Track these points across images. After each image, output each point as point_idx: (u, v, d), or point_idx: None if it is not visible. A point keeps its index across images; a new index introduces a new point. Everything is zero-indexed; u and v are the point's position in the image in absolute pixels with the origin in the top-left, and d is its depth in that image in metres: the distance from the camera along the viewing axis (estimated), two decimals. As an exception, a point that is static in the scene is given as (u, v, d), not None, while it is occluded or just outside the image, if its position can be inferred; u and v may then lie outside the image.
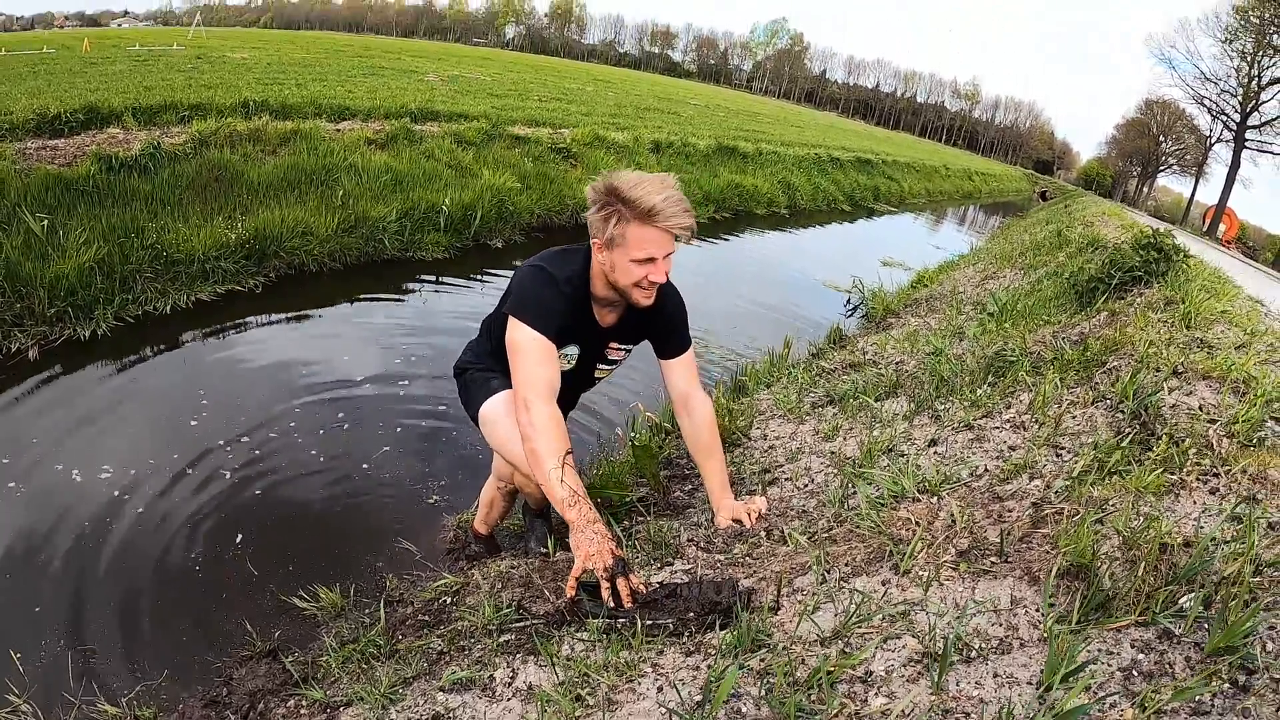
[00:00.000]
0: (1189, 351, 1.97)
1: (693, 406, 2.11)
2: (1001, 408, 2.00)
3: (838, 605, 1.26)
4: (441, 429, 3.44)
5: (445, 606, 2.15)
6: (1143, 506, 1.29)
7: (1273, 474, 1.33)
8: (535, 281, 1.88)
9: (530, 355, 1.80)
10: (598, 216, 1.81)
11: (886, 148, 28.33)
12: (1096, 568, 1.16)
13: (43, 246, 3.91)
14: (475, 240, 6.72)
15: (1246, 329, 2.41)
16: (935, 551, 1.30)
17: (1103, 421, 1.71)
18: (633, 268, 1.82)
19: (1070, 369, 2.09)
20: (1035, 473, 1.55)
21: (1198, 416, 1.64)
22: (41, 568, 2.29)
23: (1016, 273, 5.08)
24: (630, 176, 1.78)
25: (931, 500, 1.53)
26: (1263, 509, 1.23)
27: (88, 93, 7.16)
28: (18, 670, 1.90)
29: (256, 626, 2.18)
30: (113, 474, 2.76)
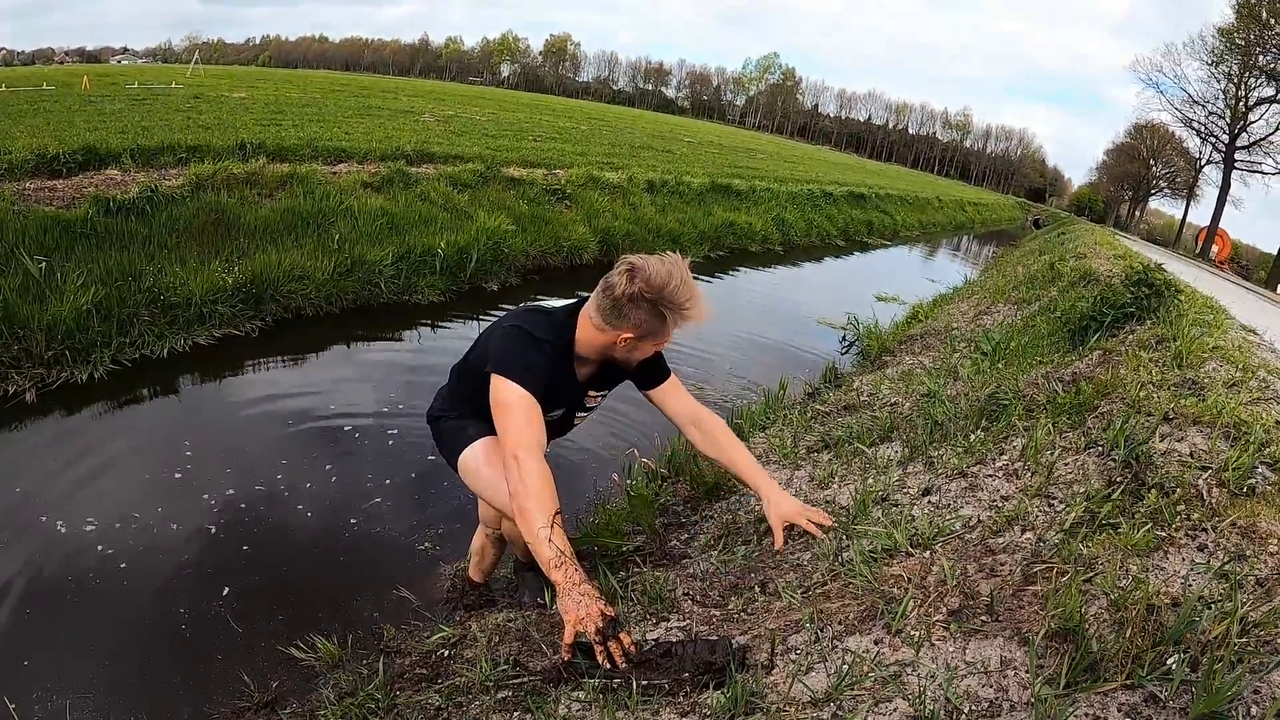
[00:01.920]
0: (1180, 395, 1.98)
1: (701, 420, 2.17)
2: (995, 454, 2.01)
3: (830, 665, 1.26)
4: (435, 476, 3.42)
5: (443, 659, 2.13)
6: (1131, 565, 1.29)
7: (1263, 525, 1.35)
8: (519, 342, 1.90)
9: (518, 413, 1.81)
10: (645, 315, 1.83)
11: (879, 180, 28.70)
12: (1084, 629, 1.16)
13: (40, 289, 3.93)
14: (471, 283, 6.75)
15: (1239, 364, 2.44)
16: (927, 610, 1.31)
17: (1095, 469, 1.73)
18: (649, 353, 1.96)
19: (1063, 413, 2.10)
20: (1027, 525, 1.56)
21: (1189, 465, 1.65)
22: (32, 619, 2.26)
23: (1010, 308, 5.13)
24: (671, 282, 1.80)
25: (924, 555, 1.53)
26: (1250, 566, 1.24)
27: (86, 132, 7.26)
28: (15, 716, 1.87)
29: (253, 678, 2.16)
30: (107, 523, 2.74)
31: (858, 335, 7.21)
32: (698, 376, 5.19)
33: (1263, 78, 35.03)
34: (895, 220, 19.74)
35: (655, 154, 18.10)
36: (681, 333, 1.97)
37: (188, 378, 4.08)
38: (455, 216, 7.36)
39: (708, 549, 2.16)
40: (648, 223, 9.91)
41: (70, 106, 10.18)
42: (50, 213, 4.46)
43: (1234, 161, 38.52)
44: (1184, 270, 14.74)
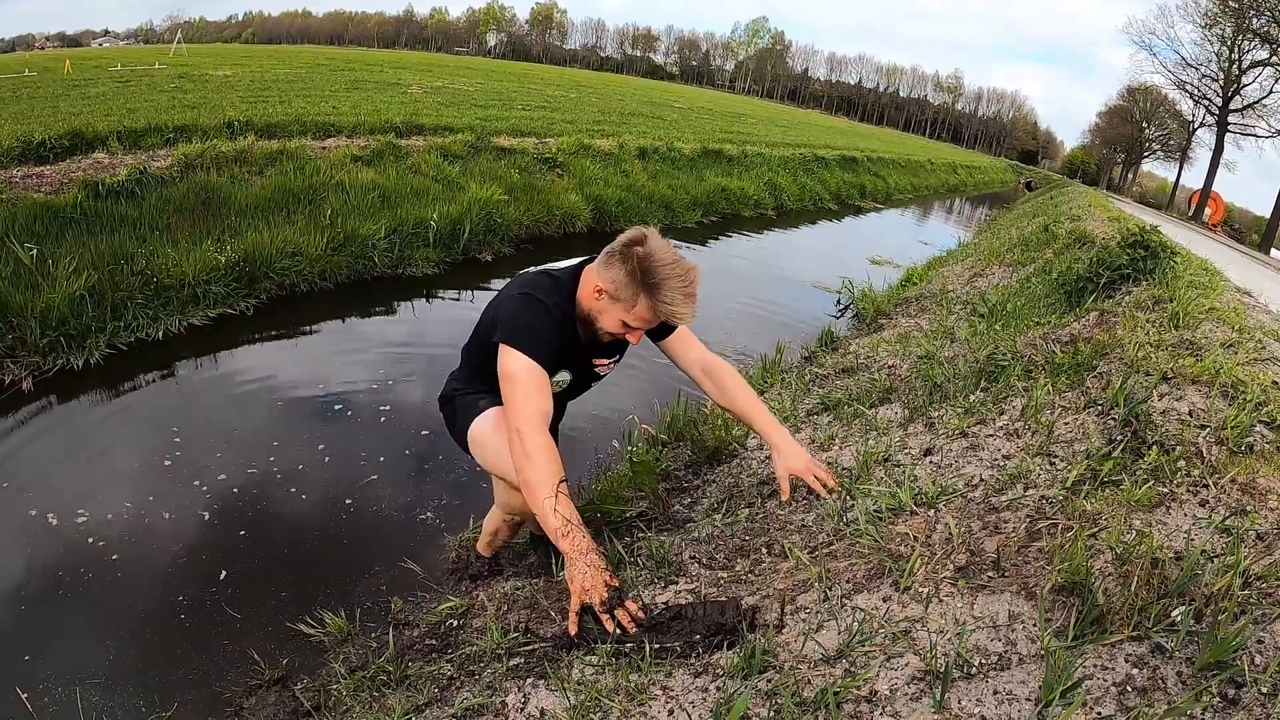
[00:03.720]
0: (1178, 355, 1.99)
1: (713, 369, 2.16)
2: (995, 414, 2.03)
3: (840, 623, 1.29)
4: (431, 450, 3.44)
5: (452, 629, 2.16)
6: (1135, 520, 1.31)
7: (1261, 482, 1.36)
8: (527, 310, 1.88)
9: (524, 384, 1.80)
10: (622, 275, 1.81)
11: (872, 144, 28.47)
12: (1091, 584, 1.19)
13: (32, 276, 3.90)
14: (464, 254, 6.72)
15: (1235, 325, 2.45)
16: (934, 568, 1.33)
17: (1094, 428, 1.74)
18: (618, 324, 1.89)
19: (1061, 373, 2.11)
20: (1029, 483, 1.57)
21: (1188, 423, 1.66)
22: (33, 611, 2.28)
23: (1005, 270, 5.13)
24: (668, 263, 1.79)
25: (929, 513, 1.55)
26: (1251, 520, 1.26)
27: (71, 116, 7.14)
28: (26, 709, 1.89)
29: (263, 656, 2.19)
30: (103, 512, 2.74)
31: (852, 298, 7.23)
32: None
33: (1256, 40, 34.76)
34: (888, 183, 19.62)
35: (645, 120, 17.89)
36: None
37: (183, 360, 4.06)
38: (447, 188, 7.30)
39: (711, 512, 2.19)
40: (640, 189, 9.84)
41: (54, 92, 10.00)
42: (39, 199, 4.40)
43: (1227, 125, 38.46)
44: (1177, 234, 14.74)
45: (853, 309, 6.98)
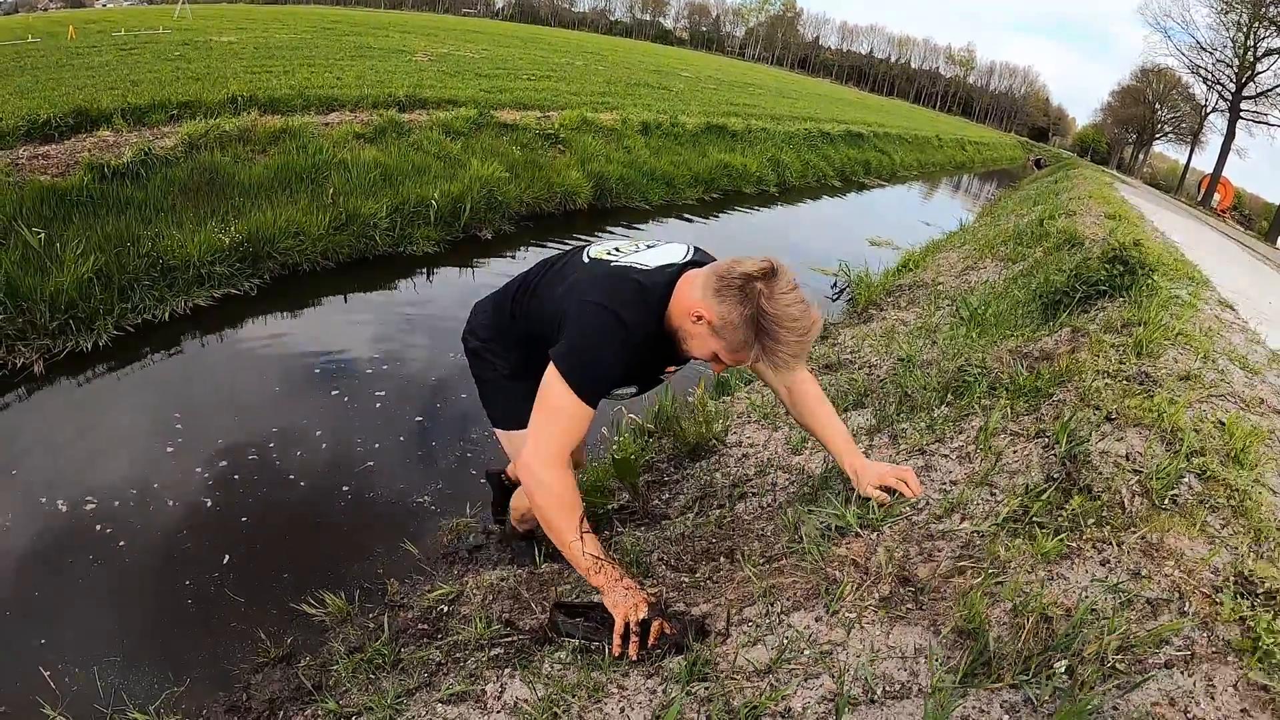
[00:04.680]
0: (1129, 392, 2.03)
1: (795, 384, 1.96)
2: (954, 433, 2.13)
3: (775, 639, 1.41)
4: (427, 435, 3.57)
5: (442, 615, 2.30)
6: (1040, 571, 1.40)
7: (1169, 541, 1.45)
8: (599, 333, 1.62)
9: (563, 422, 1.63)
10: (736, 316, 1.54)
11: (879, 118, 28.19)
12: (985, 630, 1.29)
13: (41, 260, 4.00)
14: (465, 232, 6.79)
15: (1201, 352, 2.53)
16: (862, 594, 1.45)
17: (1037, 462, 1.83)
18: (709, 354, 1.65)
19: (1021, 396, 2.20)
20: (967, 513, 1.67)
21: (1122, 467, 1.72)
22: (46, 596, 2.42)
23: (997, 264, 5.20)
24: (794, 318, 1.53)
25: (871, 536, 1.67)
26: (1143, 585, 1.35)
27: (75, 90, 7.18)
28: (50, 687, 2.05)
29: (268, 633, 2.33)
30: (110, 497, 2.88)
31: (848, 282, 7.31)
32: None
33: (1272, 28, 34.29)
34: (893, 160, 19.51)
35: (651, 91, 17.76)
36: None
37: (188, 342, 4.18)
38: (448, 165, 7.34)
39: (685, 510, 2.32)
40: (642, 165, 9.86)
41: (57, 61, 9.98)
42: (46, 182, 4.49)
43: (1240, 111, 38.15)
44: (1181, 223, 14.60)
45: (848, 293, 7.07)
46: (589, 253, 1.83)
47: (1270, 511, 1.56)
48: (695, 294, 1.60)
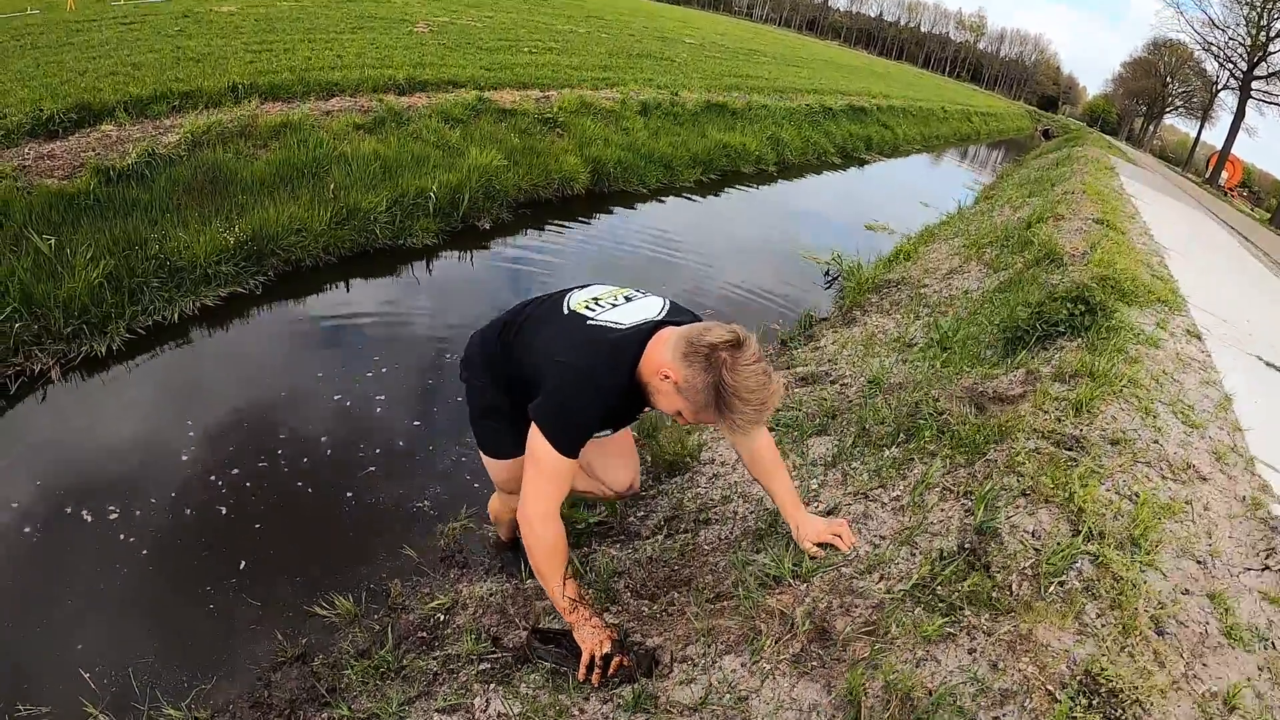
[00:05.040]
0: (1055, 461, 2.17)
1: (750, 446, 2.09)
2: (897, 479, 2.31)
3: (707, 679, 1.64)
4: (426, 440, 3.76)
5: (439, 624, 2.54)
6: (919, 651, 1.60)
7: (1039, 632, 1.59)
8: (577, 395, 1.76)
9: (548, 478, 1.78)
10: (699, 382, 1.66)
11: (886, 87, 27.93)
12: (860, 700, 1.49)
13: (52, 266, 4.15)
14: (463, 222, 6.90)
15: (1143, 407, 2.66)
16: (779, 648, 1.66)
17: (956, 526, 1.98)
18: (674, 411, 1.77)
19: (961, 448, 2.36)
20: (885, 573, 1.85)
21: (1026, 545, 1.86)
22: (75, 607, 2.62)
23: (981, 269, 5.33)
24: (753, 389, 1.64)
25: (801, 587, 1.88)
26: (999, 677, 1.51)
27: (76, 75, 7.25)
28: (90, 687, 2.28)
29: (284, 634, 2.56)
30: (139, 502, 3.09)
31: (840, 272, 7.46)
32: None
33: (1287, 10, 33.90)
34: (896, 134, 19.42)
35: (655, 62, 17.65)
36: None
37: (197, 344, 4.35)
38: (447, 154, 7.44)
39: (656, 531, 2.52)
40: (640, 148, 9.91)
41: (57, 39, 9.98)
42: (53, 187, 4.62)
43: (1250, 91, 37.83)
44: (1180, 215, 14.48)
45: (840, 283, 7.23)
46: (570, 303, 1.94)
47: (1148, 601, 1.74)
48: (665, 354, 1.72)
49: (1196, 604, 1.80)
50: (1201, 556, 1.96)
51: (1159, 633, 1.65)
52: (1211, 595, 1.85)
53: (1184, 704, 1.50)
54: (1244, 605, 1.89)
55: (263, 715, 2.34)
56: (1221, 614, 1.80)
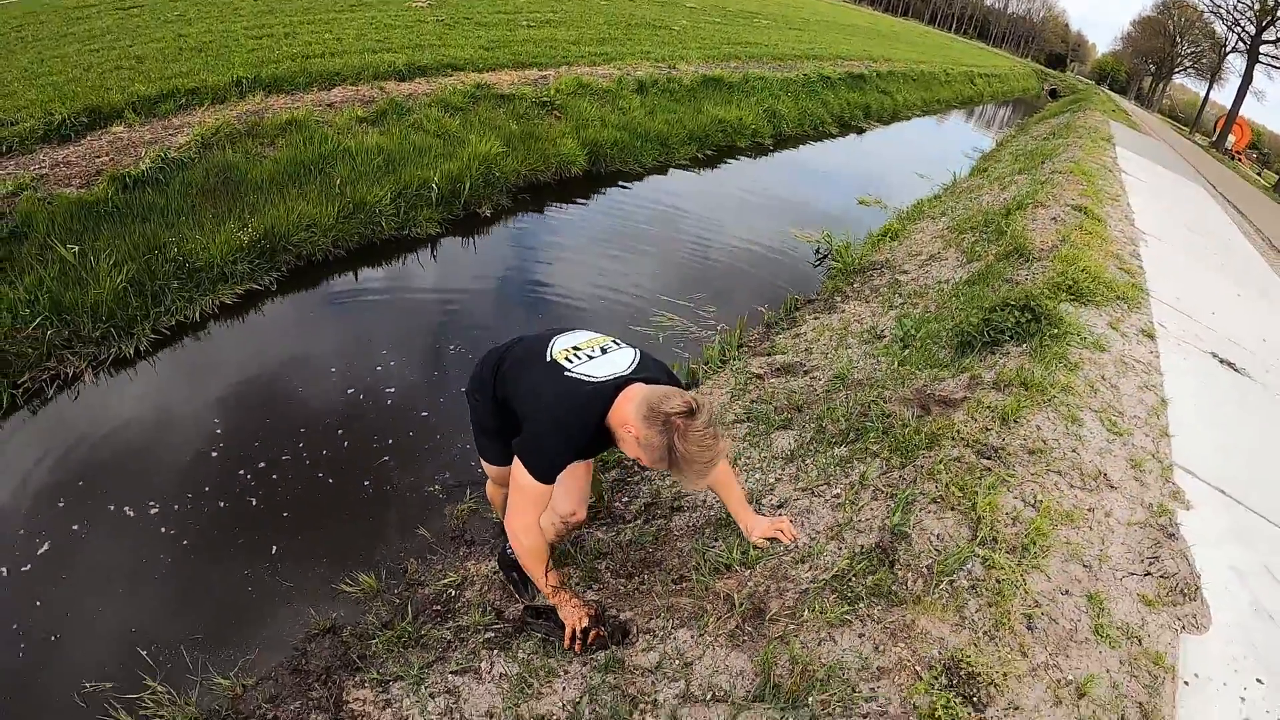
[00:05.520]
0: (971, 469, 2.44)
1: None
2: (841, 477, 2.63)
3: (664, 647, 1.99)
4: (434, 430, 4.08)
5: (451, 598, 2.90)
6: (823, 632, 1.94)
7: (921, 623, 1.91)
8: (554, 437, 2.06)
9: (530, 499, 2.10)
10: (655, 440, 1.92)
11: (888, 50, 27.67)
12: (772, 668, 1.84)
13: (78, 273, 4.43)
14: (465, 210, 7.16)
15: (1071, 416, 2.91)
16: (718, 625, 2.01)
17: (878, 525, 2.29)
18: (634, 455, 2.04)
19: (899, 450, 2.66)
20: (813, 564, 2.19)
21: (930, 546, 2.16)
22: (126, 595, 2.98)
23: (958, 257, 5.57)
24: (700, 449, 1.90)
25: (745, 573, 2.22)
26: (879, 657, 1.86)
27: (82, 72, 7.48)
28: (149, 663, 2.64)
29: (316, 609, 2.91)
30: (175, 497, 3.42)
31: (829, 250, 7.72)
32: (658, 304, 5.78)
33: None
34: (896, 100, 19.39)
35: (653, 31, 17.64)
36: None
37: (219, 341, 4.67)
38: (447, 143, 7.66)
39: (637, 516, 2.87)
40: (636, 127, 10.07)
41: (56, 30, 10.14)
42: (73, 196, 4.88)
43: (1259, 55, 37.39)
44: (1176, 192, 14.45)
45: (829, 261, 7.49)
46: (553, 350, 2.21)
47: (1024, 600, 2.04)
48: (630, 411, 1.99)
49: (1073, 603, 2.12)
50: (1089, 561, 2.28)
51: (1029, 627, 1.98)
52: (1090, 596, 2.17)
53: (1038, 689, 1.83)
54: (1120, 606, 2.21)
55: (302, 681, 2.70)
56: (1095, 613, 2.13)
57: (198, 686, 2.57)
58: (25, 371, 3.99)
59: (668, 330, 5.36)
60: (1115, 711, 1.91)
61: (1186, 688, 2.25)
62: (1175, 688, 2.19)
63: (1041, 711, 1.78)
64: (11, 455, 3.62)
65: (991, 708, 1.72)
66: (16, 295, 4.20)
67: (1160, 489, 2.85)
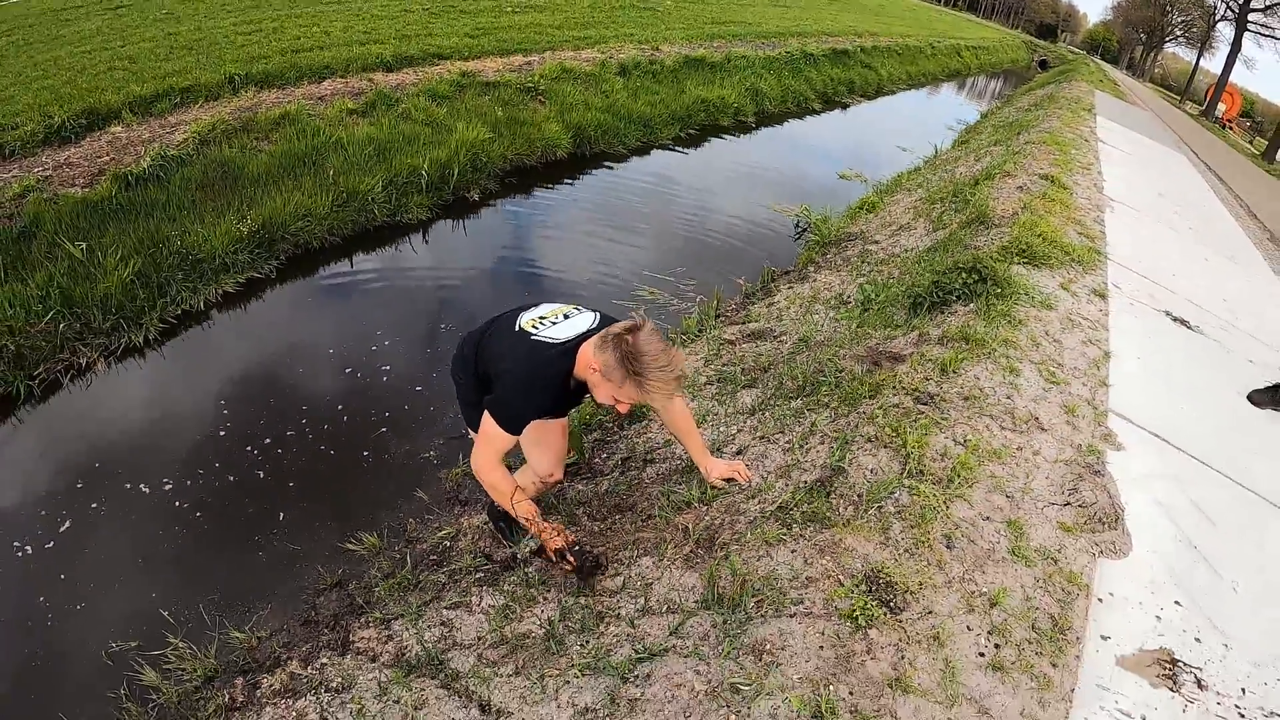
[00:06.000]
0: (907, 413, 2.70)
1: (669, 411, 2.58)
2: (794, 426, 2.90)
3: (629, 573, 2.27)
4: (428, 403, 4.36)
5: (446, 550, 3.19)
6: (761, 549, 2.22)
7: (848, 540, 2.19)
8: (519, 395, 2.27)
9: (492, 444, 2.30)
10: (615, 365, 2.09)
11: (876, 24, 27.68)
12: (717, 581, 2.13)
13: (86, 269, 4.67)
14: (454, 195, 7.39)
15: (1008, 366, 3.16)
16: (673, 552, 2.29)
17: (821, 463, 2.56)
18: (609, 397, 2.20)
19: (847, 400, 2.93)
20: (762, 499, 2.46)
21: (863, 479, 2.43)
22: (155, 552, 3.27)
23: (926, 226, 5.81)
24: (653, 353, 2.06)
25: (703, 509, 2.50)
26: (807, 568, 2.16)
27: (76, 74, 7.66)
28: (170, 622, 2.91)
29: (324, 567, 3.19)
30: (188, 472, 3.69)
31: (809, 224, 7.95)
32: (637, 278, 6.05)
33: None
34: (880, 75, 19.50)
35: (638, 13, 17.72)
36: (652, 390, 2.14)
37: (223, 327, 4.93)
38: (436, 131, 7.87)
39: (614, 470, 3.15)
40: (619, 109, 10.26)
41: (47, 33, 10.27)
42: (78, 196, 5.12)
43: (1247, 23, 37.43)
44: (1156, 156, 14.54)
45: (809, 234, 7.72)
46: (520, 322, 2.43)
47: (945, 523, 2.31)
48: (590, 352, 2.20)
49: (993, 528, 2.39)
50: (1013, 493, 2.54)
51: (948, 546, 2.25)
52: (1010, 522, 2.44)
53: (952, 598, 2.11)
54: (1040, 532, 2.48)
55: (312, 630, 2.98)
56: (1014, 536, 2.39)
57: (216, 641, 2.82)
58: (40, 364, 4.25)
59: (650, 304, 5.61)
60: (1027, 620, 2.18)
61: (1101, 604, 2.49)
62: (1089, 604, 2.44)
63: (955, 617, 2.05)
64: (31, 442, 3.89)
65: (906, 612, 2.00)
66: (29, 292, 4.45)
67: (1092, 432, 3.11)
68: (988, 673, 1.93)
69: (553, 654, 2.07)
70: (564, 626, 2.17)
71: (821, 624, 1.92)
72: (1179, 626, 2.50)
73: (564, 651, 2.06)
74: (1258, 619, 2.68)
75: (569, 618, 2.21)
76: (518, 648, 2.15)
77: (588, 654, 2.00)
